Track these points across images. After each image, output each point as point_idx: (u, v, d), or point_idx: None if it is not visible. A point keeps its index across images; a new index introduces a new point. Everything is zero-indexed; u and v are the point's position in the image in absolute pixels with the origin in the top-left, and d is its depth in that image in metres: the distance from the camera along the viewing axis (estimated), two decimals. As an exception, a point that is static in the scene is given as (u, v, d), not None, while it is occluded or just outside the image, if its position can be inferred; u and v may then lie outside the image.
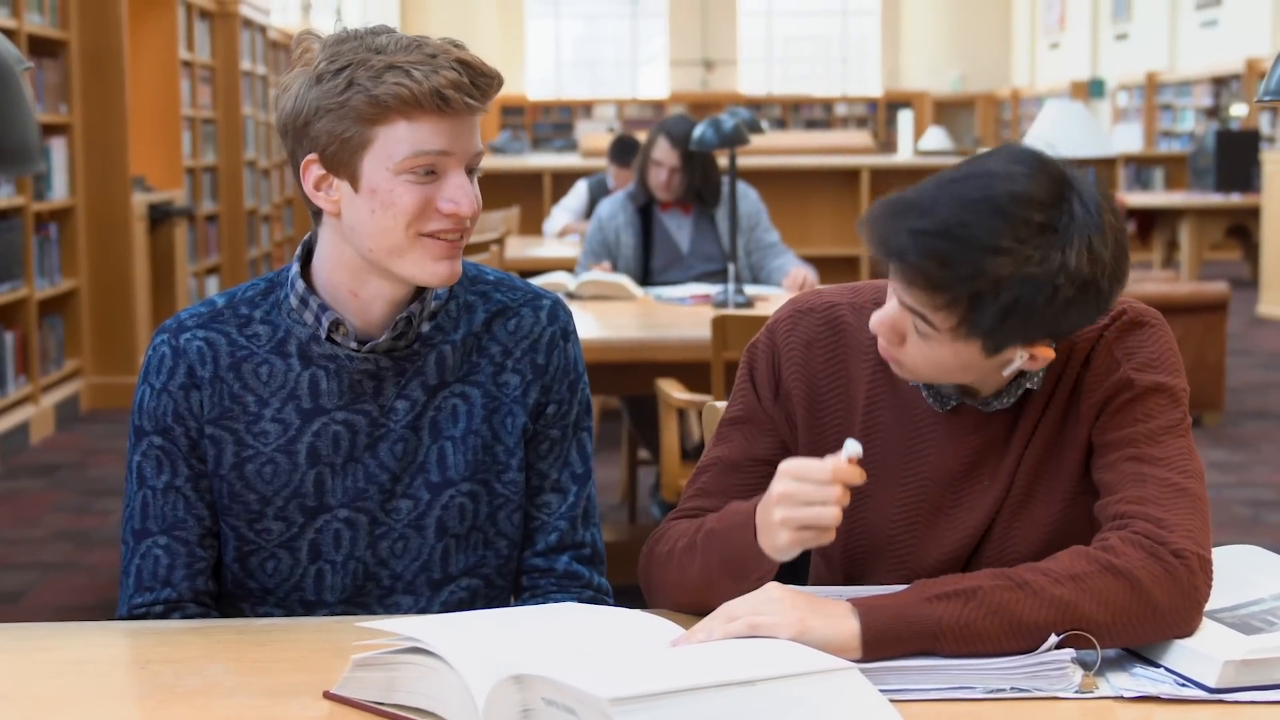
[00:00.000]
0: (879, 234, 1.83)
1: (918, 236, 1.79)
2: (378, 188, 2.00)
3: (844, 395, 2.03)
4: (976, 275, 1.77)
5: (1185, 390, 1.93)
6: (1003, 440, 1.97)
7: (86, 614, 4.98)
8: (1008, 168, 1.81)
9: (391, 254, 2.02)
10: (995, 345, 1.84)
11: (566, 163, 11.81)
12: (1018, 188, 1.79)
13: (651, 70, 30.91)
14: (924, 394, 1.98)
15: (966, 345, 1.84)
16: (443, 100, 1.96)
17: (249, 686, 1.77)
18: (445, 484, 2.13)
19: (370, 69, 1.96)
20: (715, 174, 5.96)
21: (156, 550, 2.11)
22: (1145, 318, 1.96)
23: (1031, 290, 1.77)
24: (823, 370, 2.04)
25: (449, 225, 2.02)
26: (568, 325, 2.20)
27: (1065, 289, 1.78)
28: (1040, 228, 1.77)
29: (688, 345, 4.60)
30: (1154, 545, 1.78)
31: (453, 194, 2.01)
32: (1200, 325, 7.85)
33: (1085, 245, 1.78)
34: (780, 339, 2.06)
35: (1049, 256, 1.77)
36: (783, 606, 1.72)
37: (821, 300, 2.07)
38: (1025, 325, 1.81)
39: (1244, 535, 5.79)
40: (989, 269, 1.76)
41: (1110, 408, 1.92)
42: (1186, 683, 1.71)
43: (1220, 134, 14.25)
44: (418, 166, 1.99)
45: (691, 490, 2.08)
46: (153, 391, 2.11)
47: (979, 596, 1.73)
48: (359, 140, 1.99)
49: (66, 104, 8.31)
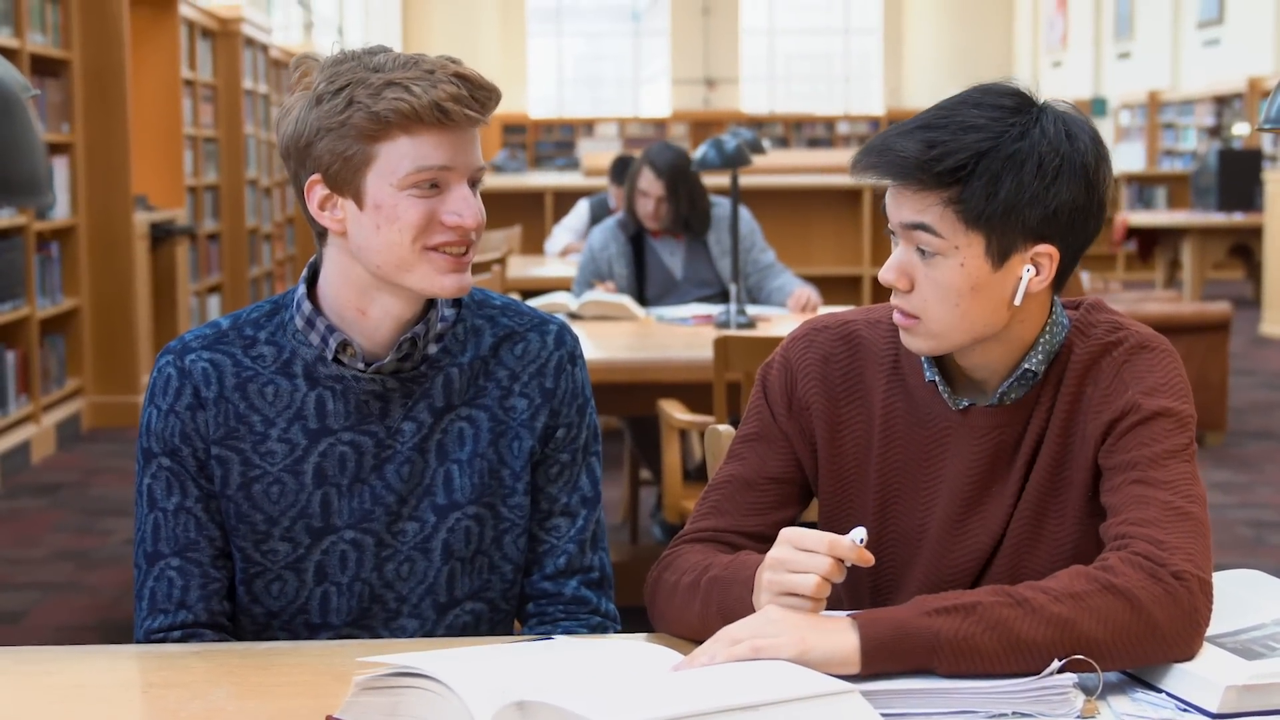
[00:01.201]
0: (867, 152, 1.94)
1: (902, 136, 1.91)
2: (382, 204, 2.01)
3: (863, 407, 2.06)
4: (960, 150, 1.88)
5: (1192, 416, 1.95)
6: (1014, 443, 1.99)
7: (88, 634, 4.98)
8: (978, 85, 1.97)
9: (399, 269, 2.03)
10: (997, 242, 1.90)
11: (568, 181, 11.83)
12: (987, 88, 1.95)
13: (653, 88, 30.96)
14: (939, 389, 2.01)
15: (970, 251, 1.90)
16: (443, 113, 1.98)
17: (251, 711, 1.77)
18: (451, 507, 2.13)
19: (369, 87, 1.98)
20: (703, 201, 5.93)
21: (170, 572, 2.11)
22: (1153, 343, 1.99)
23: (1016, 161, 1.88)
24: (840, 384, 2.07)
25: (454, 238, 2.03)
26: (575, 349, 2.21)
27: (1049, 158, 1.89)
28: (1013, 109, 1.91)
29: (690, 366, 4.60)
30: (1154, 567, 1.79)
31: (456, 206, 2.02)
32: (1203, 345, 7.85)
33: (1060, 122, 1.91)
34: (796, 356, 2.09)
35: (1027, 131, 1.89)
36: (784, 627, 1.73)
37: (835, 318, 2.12)
38: (1019, 207, 1.88)
39: (1247, 556, 5.79)
40: (972, 144, 1.88)
41: (1116, 430, 1.93)
42: (1188, 708, 1.70)
43: (1223, 153, 14.25)
44: (421, 181, 2.00)
45: (704, 509, 2.09)
46: (159, 413, 2.12)
47: (978, 612, 1.74)
48: (361, 158, 2.00)
49: (69, 123, 8.33)
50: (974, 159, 1.87)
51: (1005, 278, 1.92)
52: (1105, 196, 1.95)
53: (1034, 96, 1.94)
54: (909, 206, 1.91)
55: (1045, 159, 1.88)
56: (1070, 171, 1.90)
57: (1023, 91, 1.94)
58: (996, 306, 1.93)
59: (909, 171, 1.89)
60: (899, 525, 2.04)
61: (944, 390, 2.01)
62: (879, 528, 2.03)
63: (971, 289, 1.91)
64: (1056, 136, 1.90)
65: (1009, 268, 1.91)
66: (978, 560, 2.00)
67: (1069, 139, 1.90)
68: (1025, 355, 1.98)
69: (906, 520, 2.04)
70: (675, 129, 28.04)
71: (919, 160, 1.88)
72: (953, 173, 1.88)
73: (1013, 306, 1.93)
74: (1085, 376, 1.98)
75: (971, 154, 1.87)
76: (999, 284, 1.92)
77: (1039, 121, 1.90)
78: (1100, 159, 1.93)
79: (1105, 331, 1.99)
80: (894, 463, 2.04)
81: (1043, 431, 1.98)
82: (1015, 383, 1.98)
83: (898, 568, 2.04)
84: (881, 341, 2.07)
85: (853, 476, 2.06)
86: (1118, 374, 1.96)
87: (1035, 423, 1.99)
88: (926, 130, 1.90)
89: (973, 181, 1.87)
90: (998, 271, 1.91)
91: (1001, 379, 1.99)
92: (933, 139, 1.89)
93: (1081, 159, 1.91)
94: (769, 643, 1.71)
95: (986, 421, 2.00)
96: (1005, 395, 1.99)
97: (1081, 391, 1.97)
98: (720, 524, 2.05)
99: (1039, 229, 1.90)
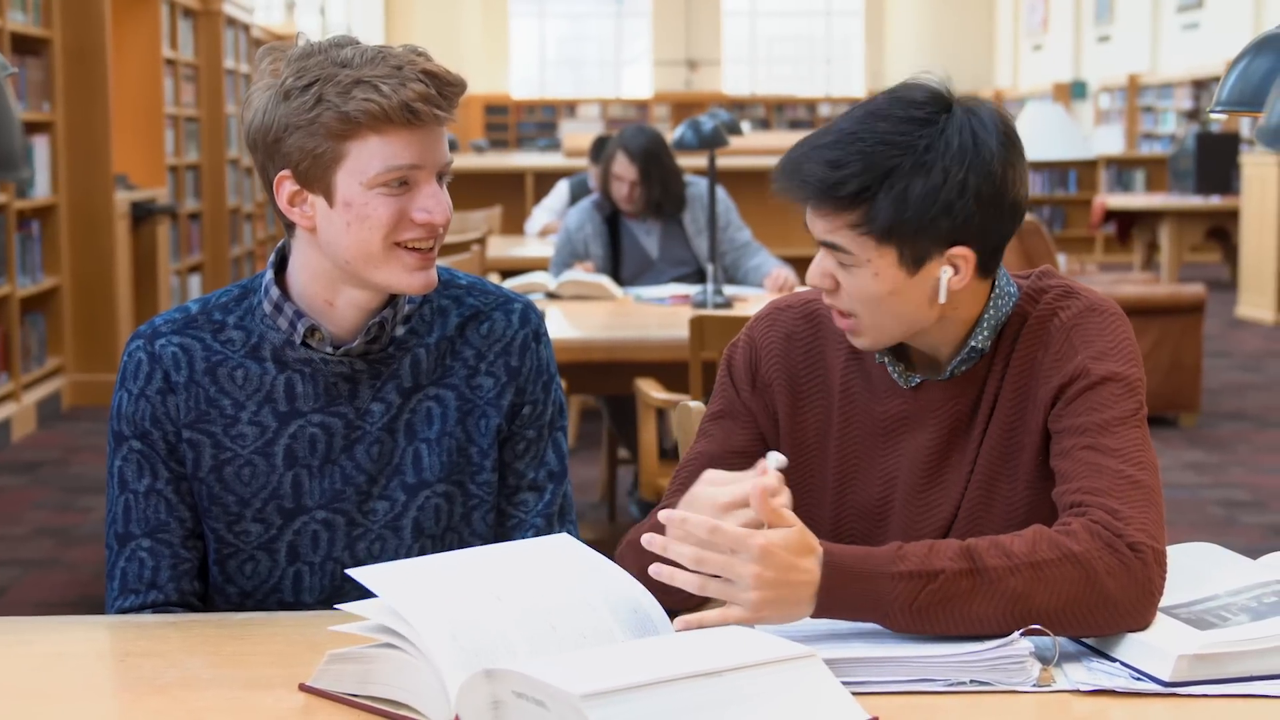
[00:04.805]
0: (779, 173, 1.95)
1: (808, 156, 1.93)
2: (352, 201, 2.03)
3: (823, 383, 2.10)
4: (867, 169, 1.88)
5: (1141, 380, 1.98)
6: (969, 413, 2.03)
7: (68, 610, 5.00)
8: (891, 89, 1.97)
9: (368, 265, 2.06)
10: (910, 252, 1.92)
11: (549, 162, 11.81)
12: (897, 95, 1.95)
13: (635, 70, 30.92)
14: (890, 370, 2.04)
15: (884, 262, 1.92)
16: (412, 114, 2.00)
17: (226, 679, 1.80)
18: (421, 485, 2.17)
19: (338, 84, 1.99)
20: (676, 185, 5.94)
21: (141, 553, 2.14)
22: (1102, 306, 2.02)
23: (921, 176, 1.88)
24: (802, 361, 2.11)
25: (423, 234, 2.05)
26: (539, 327, 2.24)
27: (954, 171, 1.89)
28: (921, 121, 1.91)
29: (666, 345, 4.63)
30: (1111, 537, 1.82)
31: (426, 204, 2.04)
32: (1177, 327, 7.90)
33: (968, 129, 1.91)
34: (759, 335, 2.13)
35: (933, 144, 1.89)
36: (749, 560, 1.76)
37: (799, 298, 2.15)
38: (927, 220, 1.89)
39: (1218, 536, 5.83)
40: (879, 161, 1.89)
41: (1065, 395, 1.96)
42: (1141, 676, 1.74)
43: (1201, 136, 14.29)
44: (390, 180, 2.02)
45: (673, 486, 2.12)
46: (130, 397, 2.14)
47: (938, 581, 1.77)
48: (331, 156, 2.02)
49: (49, 102, 8.33)
50: (877, 180, 1.89)
51: (923, 280, 1.94)
52: (1018, 195, 1.95)
53: (947, 97, 1.94)
54: (820, 226, 1.94)
55: (950, 171, 1.89)
56: (977, 179, 1.90)
57: (936, 94, 1.93)
58: (920, 305, 1.96)
59: (816, 195, 1.92)
60: (859, 500, 2.07)
61: (894, 370, 2.04)
62: (839, 503, 2.08)
63: (890, 294, 1.94)
64: (963, 145, 1.89)
65: (925, 271, 1.94)
66: (941, 531, 2.03)
67: (975, 146, 1.90)
68: (971, 332, 2.01)
69: (866, 494, 2.07)
70: (657, 110, 28.01)
71: (821, 185, 1.90)
72: (855, 196, 1.90)
73: (938, 303, 1.96)
74: (1035, 341, 2.01)
75: (875, 175, 1.89)
76: (918, 286, 1.95)
77: (944, 132, 1.90)
78: (1008, 162, 1.93)
79: (1055, 297, 2.02)
80: (853, 439, 2.07)
81: (995, 398, 2.02)
82: (964, 359, 2.02)
83: (861, 542, 2.07)
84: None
85: (814, 452, 2.10)
86: (1067, 338, 1.99)
87: (989, 390, 2.02)
88: (832, 149, 1.91)
89: (878, 200, 1.89)
90: (914, 277, 1.94)
91: (952, 354, 2.02)
92: (836, 159, 1.90)
93: (987, 166, 1.90)
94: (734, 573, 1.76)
95: (940, 395, 2.03)
96: (956, 370, 2.02)
97: (1033, 357, 2.00)
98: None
99: (950, 235, 1.92)
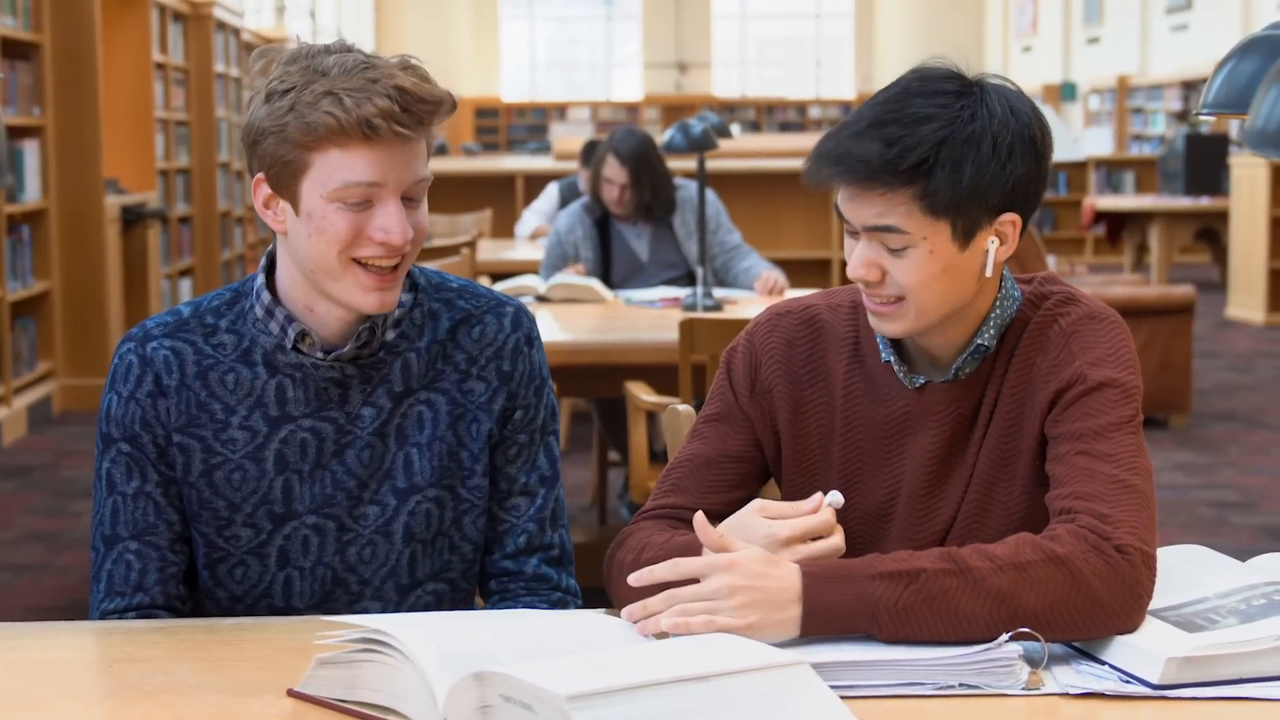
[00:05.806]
0: (822, 161, 1.94)
1: (857, 138, 1.92)
2: (313, 212, 2.02)
3: (825, 389, 2.10)
4: (920, 143, 1.90)
5: (1138, 387, 1.98)
6: (970, 415, 2.03)
7: (58, 615, 5.00)
8: (912, 71, 1.99)
9: (327, 278, 2.04)
10: (963, 224, 1.93)
11: (539, 165, 11.80)
12: (923, 74, 1.97)
13: (626, 73, 30.93)
14: (896, 370, 2.04)
15: (939, 238, 1.93)
16: (371, 129, 1.96)
17: (214, 685, 1.79)
18: (412, 490, 2.16)
19: (310, 93, 1.97)
20: (667, 188, 5.93)
21: (128, 555, 2.13)
22: (1102, 313, 2.03)
23: (973, 144, 1.91)
24: (803, 367, 2.11)
25: (381, 253, 2.02)
26: (531, 331, 2.23)
27: (1002, 136, 1.92)
28: (957, 94, 1.94)
29: (656, 348, 4.62)
30: (1098, 540, 1.82)
31: (384, 223, 2.01)
32: (1167, 328, 7.91)
33: (1002, 98, 1.95)
34: (760, 340, 2.13)
35: (977, 112, 1.93)
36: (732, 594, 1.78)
37: (798, 303, 2.15)
38: (981, 188, 1.92)
39: (1209, 537, 5.83)
40: (928, 135, 1.90)
41: (1062, 401, 1.97)
42: (1130, 679, 1.74)
43: (1190, 138, 14.32)
44: (348, 197, 2.00)
45: (664, 486, 2.12)
46: (120, 399, 2.13)
47: (920, 580, 1.78)
48: (298, 165, 2.01)
49: (39, 106, 8.32)
50: (934, 149, 1.90)
51: (973, 254, 1.96)
52: (1050, 161, 2.00)
53: (969, 76, 1.97)
54: (872, 209, 1.93)
55: (998, 137, 1.92)
56: (1021, 145, 1.94)
57: (958, 73, 1.97)
58: (968, 281, 1.97)
59: (874, 174, 1.90)
60: (863, 503, 2.07)
61: (899, 370, 2.04)
62: (844, 507, 2.06)
63: (943, 271, 1.95)
64: (1003, 113, 1.93)
65: (975, 245, 1.95)
66: (940, 534, 2.04)
67: (1014, 113, 1.94)
68: (978, 330, 2.01)
69: (870, 498, 2.07)
70: (647, 113, 28.02)
71: (881, 161, 1.90)
72: (916, 168, 1.90)
73: (983, 278, 1.98)
74: (1035, 346, 2.01)
75: (931, 145, 1.90)
76: (968, 261, 1.96)
77: (984, 101, 1.93)
78: (1043, 128, 1.98)
79: (1057, 303, 2.03)
80: (856, 443, 2.07)
81: (995, 402, 2.02)
82: (969, 358, 2.02)
83: (864, 545, 2.06)
84: (842, 324, 2.10)
85: (816, 458, 2.09)
86: (1065, 344, 1.99)
87: (989, 394, 2.02)
88: (880, 128, 1.91)
89: (936, 172, 1.90)
90: (965, 251, 1.95)
91: (957, 354, 2.03)
92: (889, 136, 1.90)
93: (1029, 131, 1.95)
94: (722, 621, 1.76)
95: (943, 397, 2.03)
96: (960, 370, 2.02)
97: (1032, 362, 2.01)
98: (679, 501, 2.09)
99: (999, 204, 1.94)
